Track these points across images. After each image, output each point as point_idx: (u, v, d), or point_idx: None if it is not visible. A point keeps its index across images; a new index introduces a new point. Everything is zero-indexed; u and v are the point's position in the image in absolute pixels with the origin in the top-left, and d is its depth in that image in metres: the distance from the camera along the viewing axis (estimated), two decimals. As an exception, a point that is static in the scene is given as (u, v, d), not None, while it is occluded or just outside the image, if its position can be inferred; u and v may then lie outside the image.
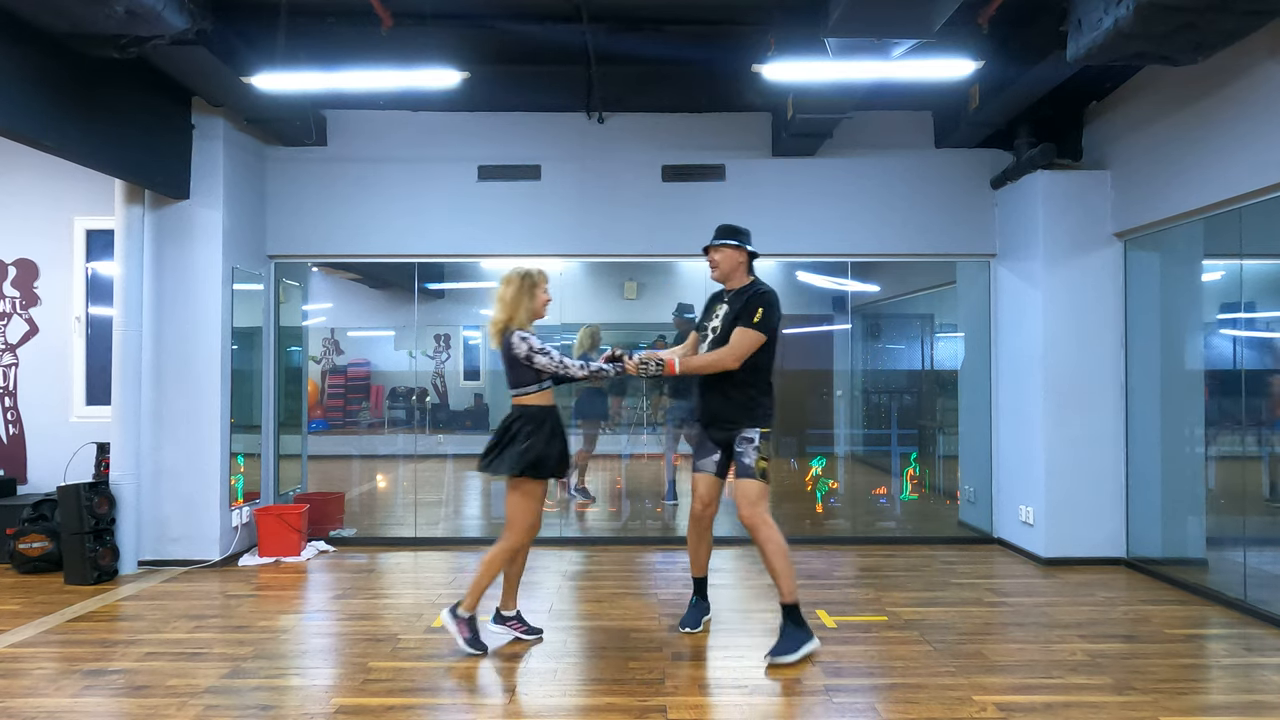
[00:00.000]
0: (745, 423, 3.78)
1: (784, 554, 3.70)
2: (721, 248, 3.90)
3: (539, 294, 3.79)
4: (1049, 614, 4.42)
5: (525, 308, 3.75)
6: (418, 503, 6.57)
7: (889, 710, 3.17)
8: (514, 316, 3.74)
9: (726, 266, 3.90)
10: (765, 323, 3.71)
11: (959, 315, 6.78)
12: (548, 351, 3.69)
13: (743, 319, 3.72)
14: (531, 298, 3.77)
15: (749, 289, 3.86)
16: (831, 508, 6.65)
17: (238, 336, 5.75)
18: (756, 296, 3.78)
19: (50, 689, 3.39)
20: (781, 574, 3.68)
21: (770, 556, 3.70)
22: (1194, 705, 3.24)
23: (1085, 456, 5.53)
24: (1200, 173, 4.65)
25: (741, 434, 3.78)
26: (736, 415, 3.80)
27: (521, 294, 3.75)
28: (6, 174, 6.03)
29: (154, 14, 3.91)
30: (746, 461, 3.75)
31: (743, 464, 3.77)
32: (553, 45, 5.42)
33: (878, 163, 6.21)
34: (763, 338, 3.71)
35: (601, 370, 3.80)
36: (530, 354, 3.67)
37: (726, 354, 3.71)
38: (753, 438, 3.75)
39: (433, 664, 3.67)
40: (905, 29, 3.93)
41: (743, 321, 3.72)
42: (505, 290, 3.77)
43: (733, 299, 3.87)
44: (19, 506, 5.48)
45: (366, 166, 6.19)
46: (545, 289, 3.83)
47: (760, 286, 3.86)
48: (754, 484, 3.73)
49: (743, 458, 3.77)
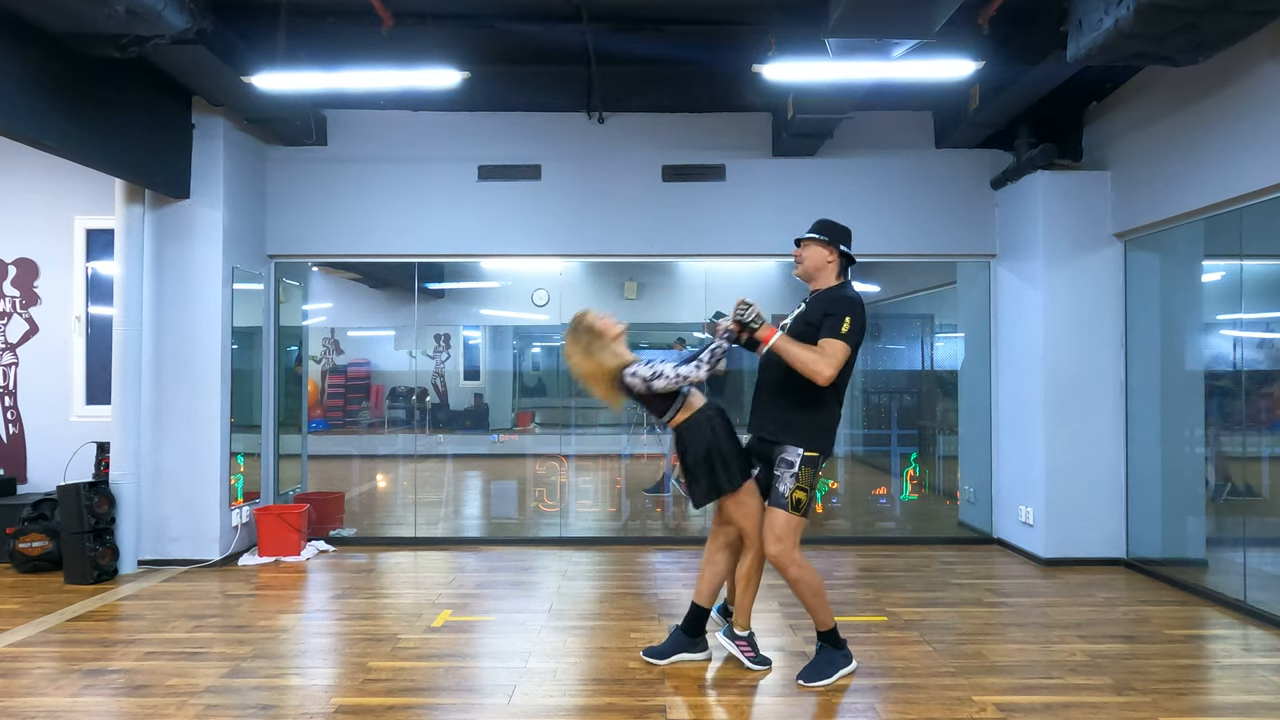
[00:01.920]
0: (787, 439, 3.38)
1: (818, 591, 3.43)
2: (810, 243, 3.49)
3: (601, 325, 3.47)
4: (1049, 614, 4.42)
5: (604, 349, 3.45)
6: (417, 502, 6.57)
7: (889, 710, 3.17)
8: (603, 365, 3.44)
9: (811, 263, 3.49)
10: (852, 335, 3.27)
11: (959, 315, 6.78)
12: (660, 374, 3.36)
13: (828, 328, 3.27)
14: (598, 335, 3.46)
15: (834, 292, 3.43)
16: (831, 508, 6.65)
17: (238, 336, 5.75)
18: (842, 302, 3.33)
19: (50, 688, 3.39)
20: (816, 609, 3.45)
21: (803, 596, 3.43)
22: (1193, 706, 3.23)
23: (1085, 457, 5.53)
24: (1200, 173, 4.65)
25: (782, 454, 3.38)
26: (781, 427, 3.41)
27: (591, 344, 3.45)
28: (6, 174, 6.03)
29: (154, 13, 3.91)
30: (781, 489, 3.36)
31: (776, 490, 3.38)
32: (553, 45, 5.42)
33: (878, 163, 6.21)
34: (849, 350, 3.28)
35: (719, 351, 3.39)
36: (647, 385, 3.38)
37: (825, 363, 3.22)
38: (793, 461, 3.35)
39: (433, 664, 3.67)
40: (905, 29, 3.93)
41: (828, 331, 3.26)
42: (573, 352, 3.48)
43: (814, 301, 3.46)
44: (19, 506, 5.47)
45: (366, 166, 6.19)
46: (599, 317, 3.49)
47: (849, 291, 3.43)
48: (783, 516, 3.34)
49: (778, 484, 3.38)
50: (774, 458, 3.43)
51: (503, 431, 9.26)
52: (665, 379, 3.36)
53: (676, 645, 3.68)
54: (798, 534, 3.39)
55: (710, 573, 3.64)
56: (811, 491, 3.40)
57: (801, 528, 3.40)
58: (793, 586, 3.44)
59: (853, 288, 3.50)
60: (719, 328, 3.45)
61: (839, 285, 3.49)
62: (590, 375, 3.48)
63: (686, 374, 3.36)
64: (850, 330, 3.27)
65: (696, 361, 3.37)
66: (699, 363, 3.36)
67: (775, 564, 3.40)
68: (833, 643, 3.50)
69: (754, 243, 6.16)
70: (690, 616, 3.68)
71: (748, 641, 3.59)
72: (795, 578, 3.39)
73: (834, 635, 3.50)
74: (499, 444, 8.81)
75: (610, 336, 3.47)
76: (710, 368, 3.37)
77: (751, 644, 3.60)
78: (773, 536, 3.37)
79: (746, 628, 3.60)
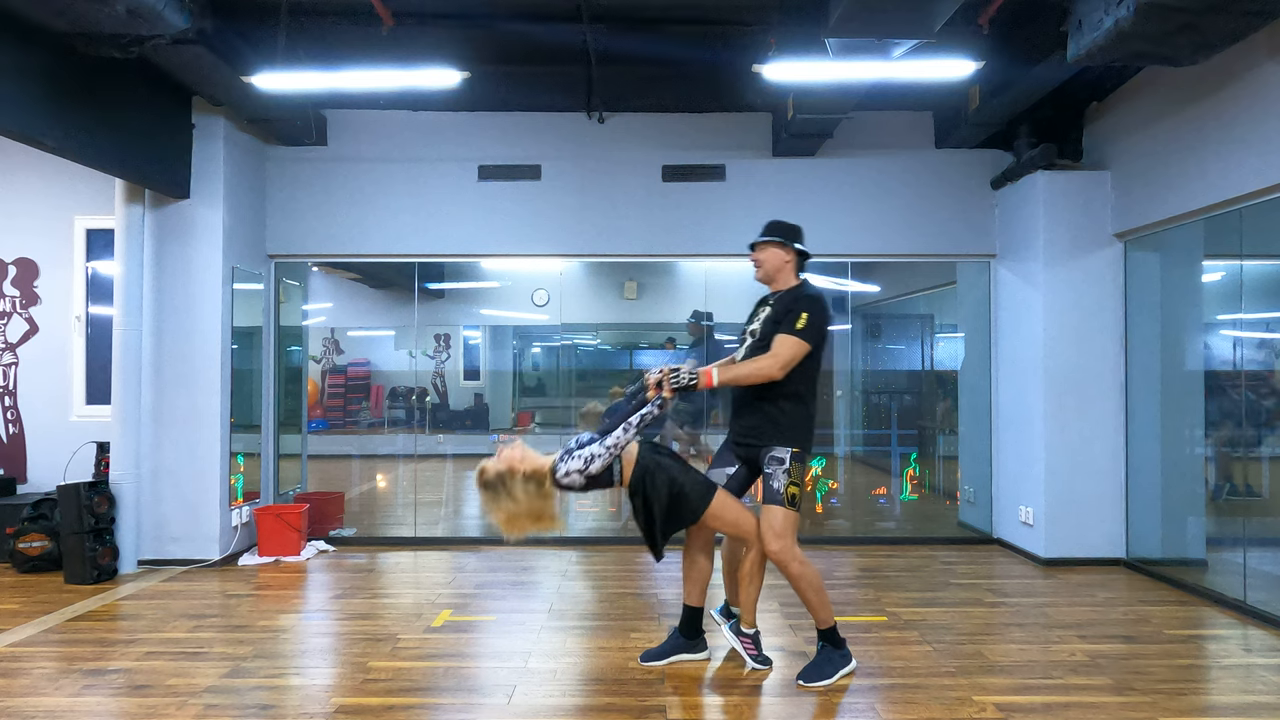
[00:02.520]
0: (774, 439, 3.42)
1: (819, 588, 3.44)
2: (766, 245, 3.56)
3: (503, 466, 3.33)
4: (1049, 614, 4.42)
5: (524, 480, 3.31)
6: (417, 502, 6.57)
7: (888, 711, 3.17)
8: (534, 493, 3.32)
9: (770, 266, 3.56)
10: (810, 331, 3.33)
11: (959, 315, 6.78)
12: (592, 458, 3.26)
13: (785, 324, 3.37)
14: (510, 476, 3.32)
15: (794, 291, 3.51)
16: (831, 508, 6.65)
17: (238, 336, 5.75)
18: (801, 300, 3.42)
19: (50, 688, 3.39)
20: (817, 607, 3.45)
21: (804, 593, 3.44)
22: (1193, 706, 3.23)
23: (1085, 456, 5.53)
24: (1200, 173, 4.65)
25: (770, 453, 3.42)
26: (764, 430, 3.45)
27: (511, 488, 3.31)
28: (7, 174, 6.04)
29: (155, 13, 3.91)
30: (775, 486, 3.38)
31: (770, 488, 3.39)
32: (553, 45, 5.42)
33: (878, 163, 6.21)
34: (807, 346, 3.34)
35: (648, 416, 3.28)
36: (585, 474, 3.28)
37: (769, 362, 3.34)
38: (783, 458, 3.39)
39: (433, 664, 3.67)
40: (906, 29, 3.93)
41: (785, 327, 3.36)
42: (503, 508, 3.33)
43: (776, 302, 3.53)
44: (19, 506, 5.48)
45: (366, 166, 6.19)
46: (493, 462, 3.36)
47: (808, 289, 3.52)
48: (781, 512, 3.36)
49: (770, 480, 3.39)
50: (761, 459, 3.46)
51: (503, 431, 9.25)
52: (600, 459, 3.27)
53: (675, 647, 3.68)
54: (795, 529, 3.42)
55: (694, 575, 3.65)
56: (803, 486, 3.45)
57: (798, 523, 3.43)
58: (794, 583, 3.44)
59: (813, 285, 3.57)
60: (649, 383, 3.35)
61: (799, 285, 3.57)
62: (533, 512, 3.32)
63: (618, 442, 3.27)
64: (806, 326, 3.34)
65: (625, 425, 3.27)
66: (627, 426, 3.26)
67: (777, 561, 3.39)
68: (833, 642, 3.50)
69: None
70: (685, 619, 3.68)
71: (753, 640, 3.60)
72: (797, 574, 3.40)
73: (834, 634, 3.50)
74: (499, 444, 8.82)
75: (518, 468, 3.32)
76: (638, 431, 3.30)
77: (756, 642, 3.60)
78: (773, 534, 3.37)
79: (753, 625, 3.60)
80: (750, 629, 3.59)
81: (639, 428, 3.28)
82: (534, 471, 3.33)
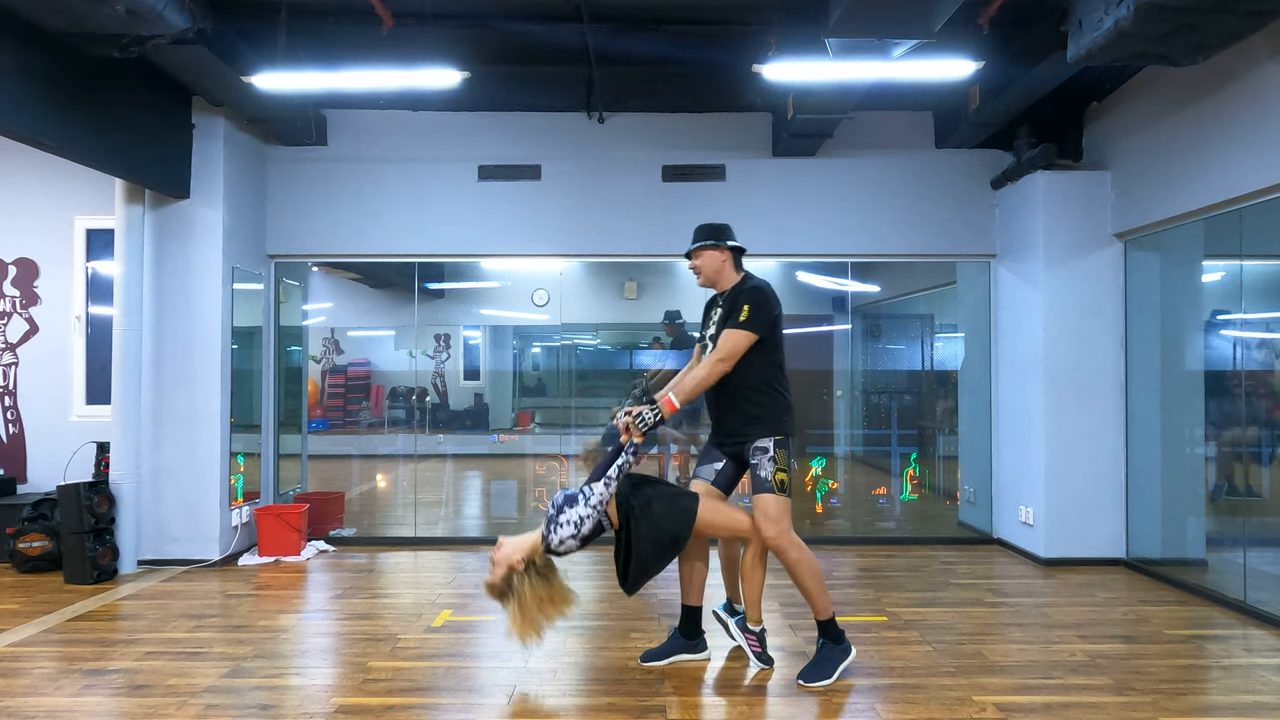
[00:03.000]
0: (756, 433, 3.47)
1: (817, 575, 3.45)
2: (700, 251, 3.61)
3: (506, 566, 3.34)
4: (1049, 614, 4.42)
5: (530, 575, 3.33)
6: (417, 502, 6.57)
7: (888, 710, 3.17)
8: (539, 582, 3.34)
9: (709, 269, 3.62)
10: (754, 320, 3.39)
11: (959, 315, 6.78)
12: (580, 520, 3.32)
13: (730, 320, 3.43)
14: (513, 575, 3.33)
15: (737, 287, 3.57)
16: (831, 508, 6.64)
17: (238, 336, 5.75)
18: (744, 294, 3.48)
19: (50, 688, 3.39)
20: (815, 595, 3.46)
21: (802, 579, 3.44)
22: (1194, 706, 3.23)
23: (1085, 457, 5.53)
24: (1201, 173, 4.65)
25: (754, 445, 3.47)
26: (744, 425, 3.49)
27: (521, 584, 3.32)
28: (6, 174, 6.03)
29: (154, 13, 3.91)
30: (763, 475, 3.43)
31: (759, 478, 3.45)
32: (553, 45, 5.42)
33: (878, 163, 6.21)
34: (753, 337, 3.40)
35: (626, 466, 3.35)
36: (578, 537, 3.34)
37: (712, 363, 3.40)
38: (767, 448, 3.44)
39: (433, 664, 3.67)
40: (906, 29, 3.93)
41: (730, 323, 3.43)
42: (524, 610, 3.32)
43: (724, 301, 3.59)
44: (19, 506, 5.48)
45: (366, 166, 6.19)
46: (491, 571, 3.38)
47: (749, 282, 3.56)
48: (773, 499, 3.40)
49: (758, 470, 3.45)
50: (746, 453, 3.52)
51: (503, 431, 9.25)
52: (590, 519, 3.33)
53: (675, 648, 3.68)
54: (788, 514, 3.44)
55: (690, 575, 3.67)
56: (790, 471, 3.48)
57: (790, 507, 3.46)
58: (792, 570, 3.45)
59: (755, 277, 3.61)
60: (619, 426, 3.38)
61: (741, 280, 3.61)
62: (550, 597, 3.34)
63: (602, 498, 3.33)
64: (749, 317, 3.39)
65: (605, 480, 3.32)
66: (608, 480, 3.32)
67: (775, 548, 3.41)
68: (831, 633, 3.51)
69: (754, 243, 6.08)
70: (684, 619, 3.69)
71: (758, 638, 3.60)
72: (795, 559, 3.42)
73: (832, 625, 3.51)
74: (499, 444, 8.81)
75: (517, 564, 3.33)
76: (619, 480, 3.35)
77: (761, 640, 3.61)
78: (768, 521, 3.40)
79: (759, 622, 3.61)
80: (756, 625, 3.60)
81: (618, 479, 3.34)
82: (530, 554, 3.35)
